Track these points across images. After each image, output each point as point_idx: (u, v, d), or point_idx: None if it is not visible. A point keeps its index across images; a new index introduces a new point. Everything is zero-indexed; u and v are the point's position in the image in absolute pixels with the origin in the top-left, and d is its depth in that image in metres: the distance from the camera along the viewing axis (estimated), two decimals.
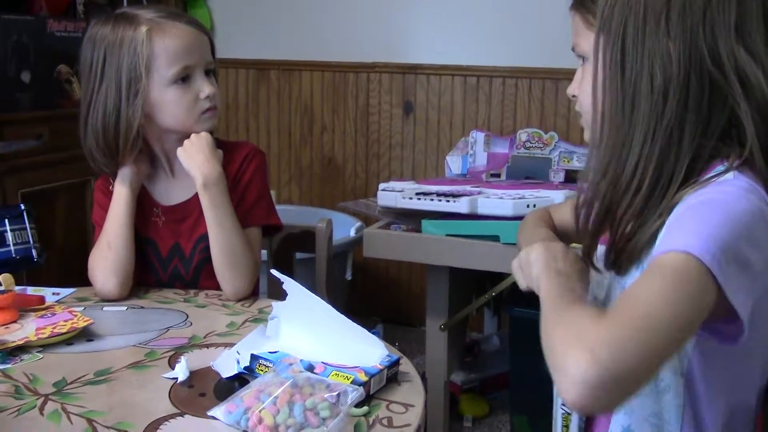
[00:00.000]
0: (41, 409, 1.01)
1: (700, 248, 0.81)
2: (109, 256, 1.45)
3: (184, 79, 1.45)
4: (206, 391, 1.07)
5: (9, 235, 1.53)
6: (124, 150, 1.45)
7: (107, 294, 1.45)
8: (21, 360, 1.16)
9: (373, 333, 1.17)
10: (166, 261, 1.54)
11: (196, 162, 1.45)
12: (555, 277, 0.97)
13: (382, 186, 2.12)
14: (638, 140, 0.93)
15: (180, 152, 1.46)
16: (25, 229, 1.56)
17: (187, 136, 1.48)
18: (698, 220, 0.85)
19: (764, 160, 0.91)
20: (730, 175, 0.90)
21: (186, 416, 1.00)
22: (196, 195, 1.49)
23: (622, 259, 0.97)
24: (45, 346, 1.21)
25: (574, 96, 1.07)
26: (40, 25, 2.47)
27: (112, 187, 1.51)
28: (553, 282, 0.95)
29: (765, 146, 0.91)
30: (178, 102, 1.45)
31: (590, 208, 1.00)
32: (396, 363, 1.11)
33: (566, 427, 1.10)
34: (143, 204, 1.53)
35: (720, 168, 0.91)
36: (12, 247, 1.53)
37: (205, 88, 1.46)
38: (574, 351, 0.77)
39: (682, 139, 0.92)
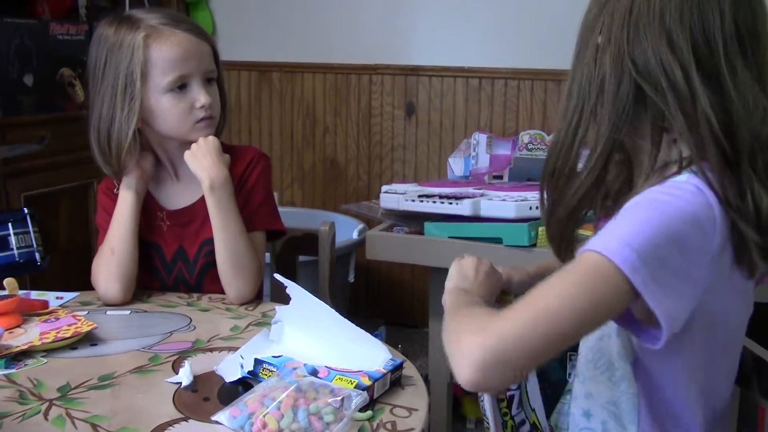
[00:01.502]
0: (45, 414, 1.01)
1: (615, 251, 0.84)
2: (112, 261, 1.45)
3: (180, 87, 1.44)
4: (210, 395, 1.07)
5: (12, 239, 1.53)
6: (118, 154, 1.45)
7: (110, 299, 1.45)
8: (25, 365, 1.16)
9: (376, 335, 1.17)
10: (170, 265, 1.54)
11: (203, 165, 1.45)
12: (458, 294, 1.04)
13: (384, 188, 2.12)
14: (574, 127, 1.00)
15: (187, 155, 1.46)
16: (29, 232, 1.55)
17: (188, 143, 1.48)
18: (626, 222, 0.89)
19: (723, 156, 0.91)
20: (683, 176, 0.92)
21: (190, 421, 0.99)
22: (201, 199, 1.49)
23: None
24: (49, 350, 1.21)
25: None
26: (42, 28, 2.47)
27: (116, 189, 1.52)
28: (455, 299, 1.02)
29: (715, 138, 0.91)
30: (173, 110, 1.45)
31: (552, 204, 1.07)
32: (399, 367, 1.11)
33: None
34: (147, 208, 1.53)
35: (674, 169, 0.94)
36: (15, 251, 1.53)
37: (200, 97, 1.45)
38: (468, 336, 0.85)
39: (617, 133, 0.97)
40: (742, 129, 0.91)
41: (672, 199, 0.90)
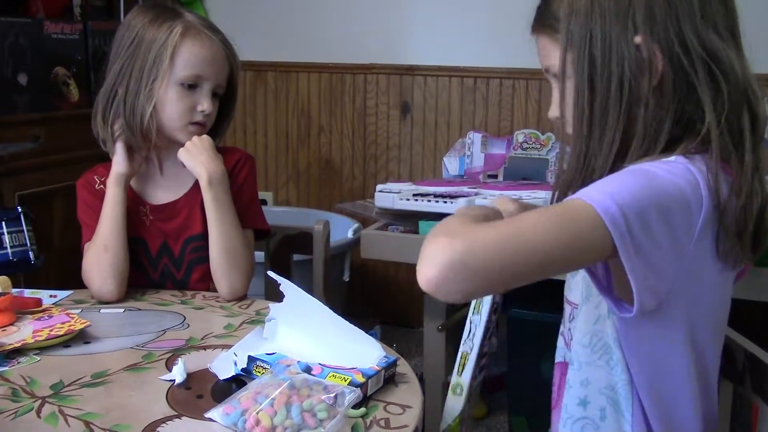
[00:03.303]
0: (38, 412, 1.00)
1: (599, 200, 0.85)
2: (105, 258, 1.45)
3: (191, 86, 1.48)
4: (204, 392, 1.07)
5: (6, 238, 1.53)
6: (141, 126, 1.47)
7: (105, 296, 1.45)
8: (18, 362, 1.16)
9: (371, 334, 1.17)
10: (156, 260, 1.54)
11: (200, 160, 1.47)
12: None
13: (379, 187, 2.12)
14: (607, 141, 0.97)
15: (182, 153, 1.48)
16: (22, 231, 1.55)
17: (175, 142, 1.51)
18: (614, 180, 0.90)
19: (732, 143, 0.94)
20: (672, 157, 0.93)
21: (183, 418, 0.99)
22: (184, 197, 1.53)
23: None
24: (42, 348, 1.20)
25: (557, 118, 1.07)
26: (36, 27, 2.47)
27: (98, 185, 1.54)
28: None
29: (732, 128, 0.94)
30: (176, 103, 1.48)
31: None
32: (393, 364, 1.11)
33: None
34: (130, 203, 1.54)
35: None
36: (9, 250, 1.53)
37: (204, 102, 1.49)
38: (441, 237, 0.83)
39: (660, 135, 0.96)
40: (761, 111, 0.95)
41: (661, 171, 0.90)
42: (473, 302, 1.19)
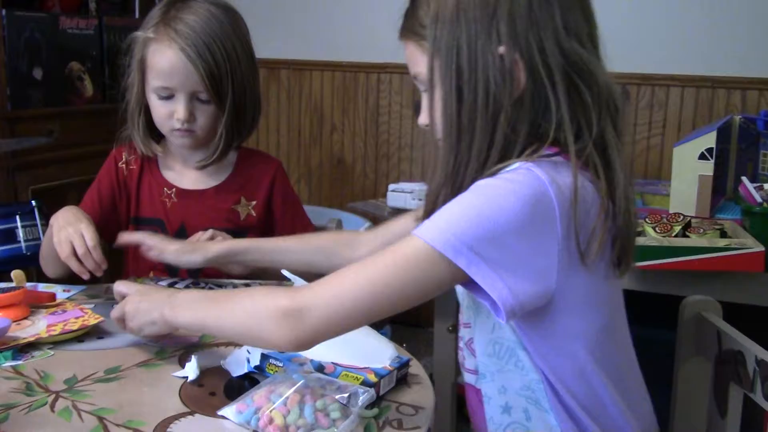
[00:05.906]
0: (52, 406, 1.01)
1: (437, 238, 0.90)
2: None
3: (167, 96, 1.48)
4: (216, 390, 1.07)
5: (20, 232, 1.54)
6: (134, 124, 1.55)
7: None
8: (32, 357, 1.16)
9: (382, 333, 1.17)
10: None
11: None
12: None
13: (391, 187, 2.12)
14: (476, 150, 0.98)
15: None
16: (36, 225, 1.56)
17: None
18: (451, 209, 0.93)
19: (596, 150, 0.96)
20: (515, 164, 0.94)
21: (196, 415, 0.99)
22: (215, 188, 1.57)
23: None
24: (56, 343, 1.21)
25: (427, 125, 1.08)
26: (52, 21, 2.48)
27: (121, 163, 1.58)
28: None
29: (595, 134, 0.96)
30: (156, 111, 1.51)
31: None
32: (406, 364, 1.11)
33: None
34: (152, 187, 1.57)
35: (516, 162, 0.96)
36: (23, 244, 1.53)
37: (178, 110, 1.48)
38: (278, 320, 0.94)
39: (515, 145, 0.97)
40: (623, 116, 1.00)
41: (502, 182, 0.92)
42: None
